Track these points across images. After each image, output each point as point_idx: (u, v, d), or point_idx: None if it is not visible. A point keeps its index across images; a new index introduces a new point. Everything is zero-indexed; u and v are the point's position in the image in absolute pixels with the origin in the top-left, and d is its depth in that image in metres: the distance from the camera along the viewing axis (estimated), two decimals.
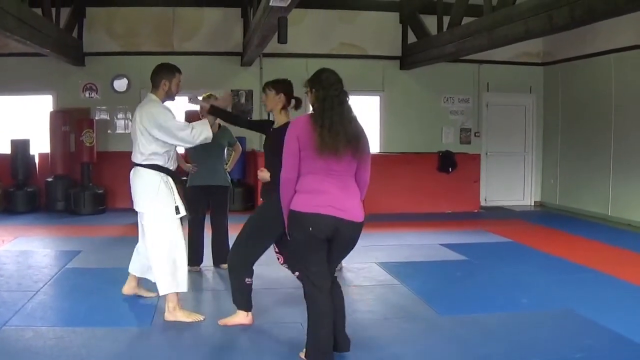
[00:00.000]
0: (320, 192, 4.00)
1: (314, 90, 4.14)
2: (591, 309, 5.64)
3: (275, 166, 5.20)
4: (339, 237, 4.08)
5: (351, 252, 4.41)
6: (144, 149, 5.28)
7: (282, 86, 5.32)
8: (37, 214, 11.31)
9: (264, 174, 5.12)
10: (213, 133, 6.90)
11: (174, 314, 5.33)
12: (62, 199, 11.51)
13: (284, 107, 5.31)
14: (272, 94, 5.30)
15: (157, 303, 5.68)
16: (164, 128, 5.18)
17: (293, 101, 5.38)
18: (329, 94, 4.04)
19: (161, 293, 5.37)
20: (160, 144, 5.28)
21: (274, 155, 5.25)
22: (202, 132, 5.29)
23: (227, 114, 6.19)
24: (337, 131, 3.93)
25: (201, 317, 5.39)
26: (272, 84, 5.35)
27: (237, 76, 12.41)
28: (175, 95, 5.51)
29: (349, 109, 4.09)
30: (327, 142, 3.91)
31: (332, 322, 4.18)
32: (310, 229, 4.00)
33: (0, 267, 7.10)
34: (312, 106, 4.16)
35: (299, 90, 12.69)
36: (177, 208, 5.33)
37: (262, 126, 5.65)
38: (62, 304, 5.84)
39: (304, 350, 4.33)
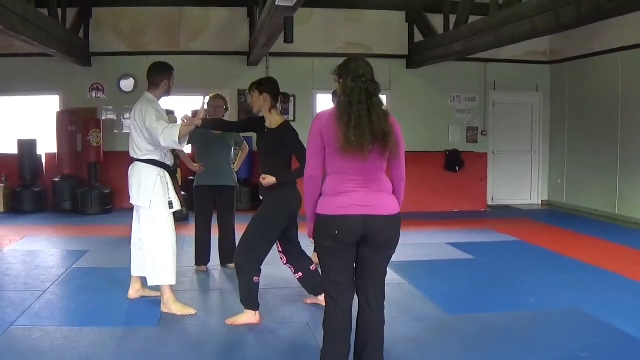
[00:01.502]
0: (343, 193, 3.67)
1: (341, 80, 3.75)
2: (598, 308, 5.62)
3: (272, 168, 5.24)
4: (371, 237, 3.68)
5: None
6: (140, 145, 5.47)
7: (266, 86, 5.36)
8: (44, 213, 11.35)
9: (269, 180, 5.14)
10: (220, 133, 6.98)
11: (169, 306, 5.48)
12: (69, 198, 11.53)
13: (273, 107, 5.36)
14: (255, 94, 5.36)
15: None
16: (147, 128, 5.33)
17: (281, 97, 5.45)
18: (358, 85, 3.66)
19: (157, 283, 5.51)
20: (151, 141, 5.42)
21: (271, 157, 5.30)
22: (170, 135, 5.23)
23: (218, 123, 6.39)
24: (363, 128, 3.58)
25: (194, 311, 5.51)
26: (256, 85, 5.40)
27: (244, 76, 12.39)
28: (171, 91, 5.70)
29: (378, 103, 3.71)
30: (352, 141, 3.56)
31: (347, 342, 3.82)
32: (336, 232, 3.66)
33: (8, 267, 7.13)
34: (338, 97, 3.79)
35: (305, 89, 12.73)
36: (170, 203, 5.48)
37: (254, 124, 5.64)
38: (69, 304, 5.84)
39: None
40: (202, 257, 7.13)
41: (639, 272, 7.07)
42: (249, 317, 5.23)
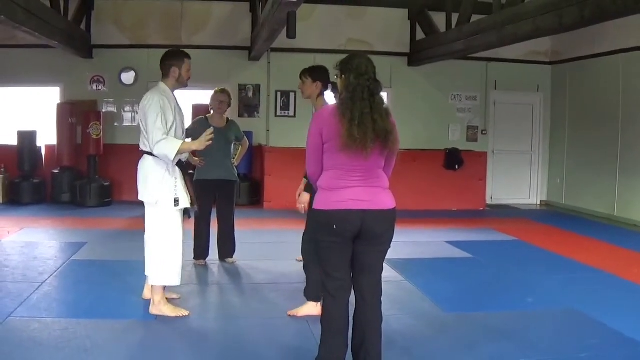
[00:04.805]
0: (342, 188, 3.69)
1: (344, 76, 3.76)
2: (596, 309, 5.63)
3: None
4: (368, 231, 3.70)
5: None
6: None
7: (318, 74, 5.43)
8: (43, 205, 11.34)
9: (302, 200, 5.03)
10: (221, 127, 6.97)
11: (159, 307, 5.24)
12: (68, 190, 11.53)
13: (321, 94, 5.41)
14: (308, 81, 5.43)
15: None
16: (146, 125, 5.06)
17: (330, 86, 5.45)
18: (360, 83, 3.66)
19: (158, 283, 5.25)
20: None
21: None
22: (165, 149, 4.99)
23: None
24: (366, 126, 3.58)
25: (186, 312, 5.29)
26: (309, 72, 5.47)
27: (245, 71, 12.41)
28: (186, 82, 5.35)
29: (380, 101, 3.72)
30: (355, 138, 3.56)
31: (344, 337, 3.84)
32: (335, 226, 3.68)
33: (6, 258, 7.12)
34: (340, 94, 3.80)
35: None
36: (176, 200, 5.16)
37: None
38: (67, 296, 5.85)
39: None
40: (200, 251, 7.12)
41: (636, 273, 7.08)
42: (311, 308, 5.27)
